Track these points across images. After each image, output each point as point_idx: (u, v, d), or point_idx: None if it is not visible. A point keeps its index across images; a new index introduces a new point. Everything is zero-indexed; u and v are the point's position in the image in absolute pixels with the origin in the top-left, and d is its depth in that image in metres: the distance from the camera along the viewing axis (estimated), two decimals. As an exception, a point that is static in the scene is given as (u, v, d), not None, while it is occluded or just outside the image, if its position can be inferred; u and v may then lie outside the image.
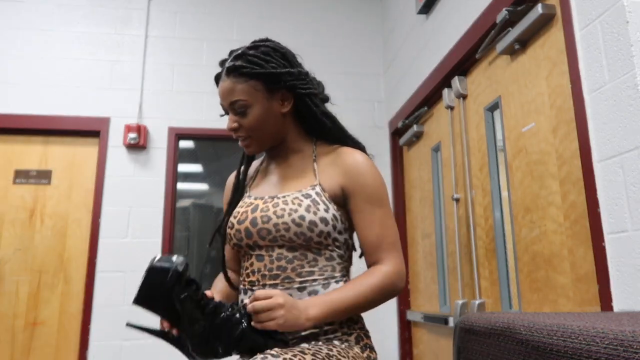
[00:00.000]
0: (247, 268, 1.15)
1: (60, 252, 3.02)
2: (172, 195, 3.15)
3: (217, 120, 3.28)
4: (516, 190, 1.87)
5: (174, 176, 3.19)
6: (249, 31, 3.49)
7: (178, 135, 3.26)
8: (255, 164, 1.34)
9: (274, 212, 1.11)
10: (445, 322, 2.34)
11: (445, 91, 2.45)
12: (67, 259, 3.02)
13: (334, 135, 1.23)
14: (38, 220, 3.06)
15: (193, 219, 3.32)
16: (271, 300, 0.99)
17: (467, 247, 2.21)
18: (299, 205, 1.10)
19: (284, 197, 1.13)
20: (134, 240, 3.05)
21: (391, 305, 3.12)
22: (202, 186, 3.43)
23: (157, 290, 0.95)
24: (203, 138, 3.34)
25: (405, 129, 3.02)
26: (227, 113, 1.19)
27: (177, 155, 3.24)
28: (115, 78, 3.26)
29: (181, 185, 3.28)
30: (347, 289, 1.06)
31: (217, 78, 1.20)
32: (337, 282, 1.12)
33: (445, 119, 2.51)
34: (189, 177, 3.40)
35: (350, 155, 1.16)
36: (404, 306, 3.05)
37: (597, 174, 1.40)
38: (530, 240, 1.78)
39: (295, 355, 0.92)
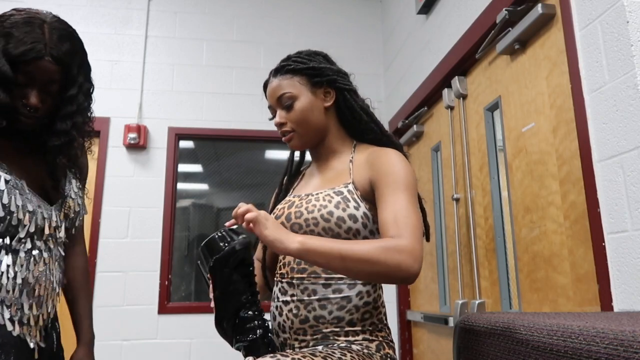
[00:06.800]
0: (280, 261, 1.20)
1: (60, 252, 3.02)
2: (172, 195, 3.15)
3: (217, 120, 3.28)
4: (516, 190, 1.87)
5: (174, 176, 3.18)
6: (249, 31, 3.49)
7: (178, 135, 3.26)
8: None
9: (306, 208, 1.14)
10: (445, 322, 2.34)
11: (445, 91, 2.45)
12: (67, 259, 3.02)
13: (372, 133, 1.24)
14: (38, 220, 3.05)
15: (193, 219, 3.32)
16: (250, 207, 1.01)
17: (467, 247, 2.21)
18: (329, 201, 1.12)
19: (317, 194, 1.16)
20: (134, 240, 3.05)
21: (391, 305, 3.12)
22: (202, 186, 3.42)
23: (226, 254, 1.01)
24: (203, 138, 3.34)
25: (405, 129, 3.02)
26: (274, 115, 1.25)
27: (177, 155, 3.24)
28: (115, 78, 3.26)
29: (181, 185, 3.28)
30: (347, 240, 1.02)
31: (265, 86, 1.27)
32: (364, 284, 1.11)
33: (445, 119, 2.51)
34: (189, 177, 3.40)
35: (383, 152, 1.15)
36: (404, 306, 3.05)
37: (597, 174, 1.40)
38: (530, 240, 1.77)
39: (304, 356, 0.91)
